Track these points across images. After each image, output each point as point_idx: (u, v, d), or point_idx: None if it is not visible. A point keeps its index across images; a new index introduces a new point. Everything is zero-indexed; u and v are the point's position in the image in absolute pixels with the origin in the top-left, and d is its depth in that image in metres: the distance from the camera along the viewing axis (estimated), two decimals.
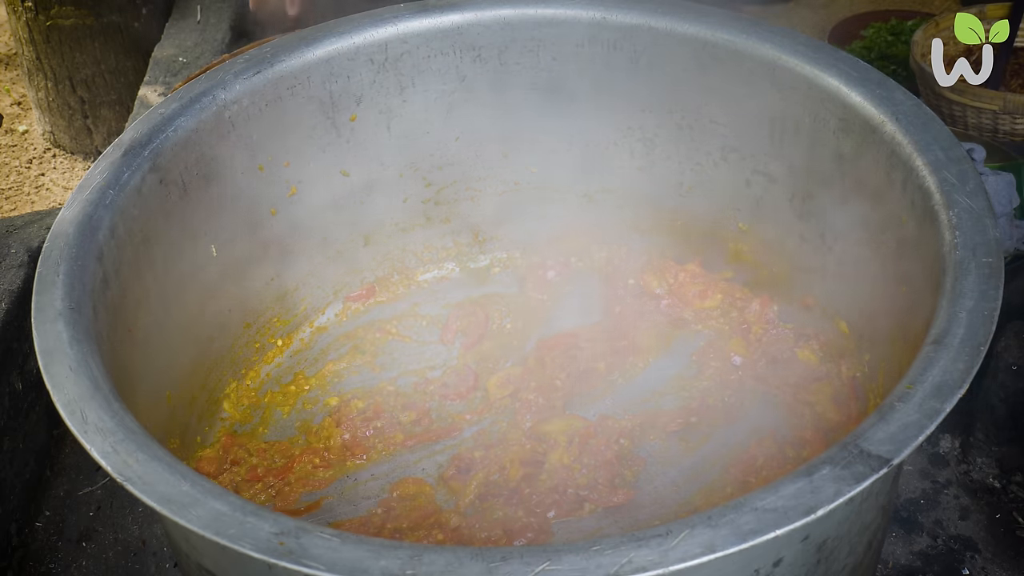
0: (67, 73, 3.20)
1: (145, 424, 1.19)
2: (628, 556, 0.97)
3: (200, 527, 1.03)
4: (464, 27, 1.79)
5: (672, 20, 1.73)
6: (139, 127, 1.59)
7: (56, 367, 1.22)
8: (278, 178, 1.78)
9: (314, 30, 1.77)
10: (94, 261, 1.38)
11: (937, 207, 1.36)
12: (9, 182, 3.24)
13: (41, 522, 1.91)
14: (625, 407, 1.73)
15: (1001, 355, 1.83)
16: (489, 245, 2.04)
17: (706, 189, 1.85)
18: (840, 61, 1.61)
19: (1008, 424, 1.85)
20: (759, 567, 1.10)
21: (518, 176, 1.97)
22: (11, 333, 1.93)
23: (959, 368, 1.14)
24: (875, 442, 1.07)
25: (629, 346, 1.81)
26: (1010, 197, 1.97)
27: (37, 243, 2.06)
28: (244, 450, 1.68)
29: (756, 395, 1.71)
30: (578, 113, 1.87)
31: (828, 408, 1.64)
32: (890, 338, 1.49)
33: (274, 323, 1.88)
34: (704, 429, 1.67)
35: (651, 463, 1.63)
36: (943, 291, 1.25)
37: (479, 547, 1.00)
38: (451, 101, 1.86)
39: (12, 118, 3.50)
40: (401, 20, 1.78)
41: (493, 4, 1.79)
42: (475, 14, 1.79)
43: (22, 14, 3.12)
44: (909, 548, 1.76)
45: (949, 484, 1.86)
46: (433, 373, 1.82)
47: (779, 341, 1.77)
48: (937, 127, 1.47)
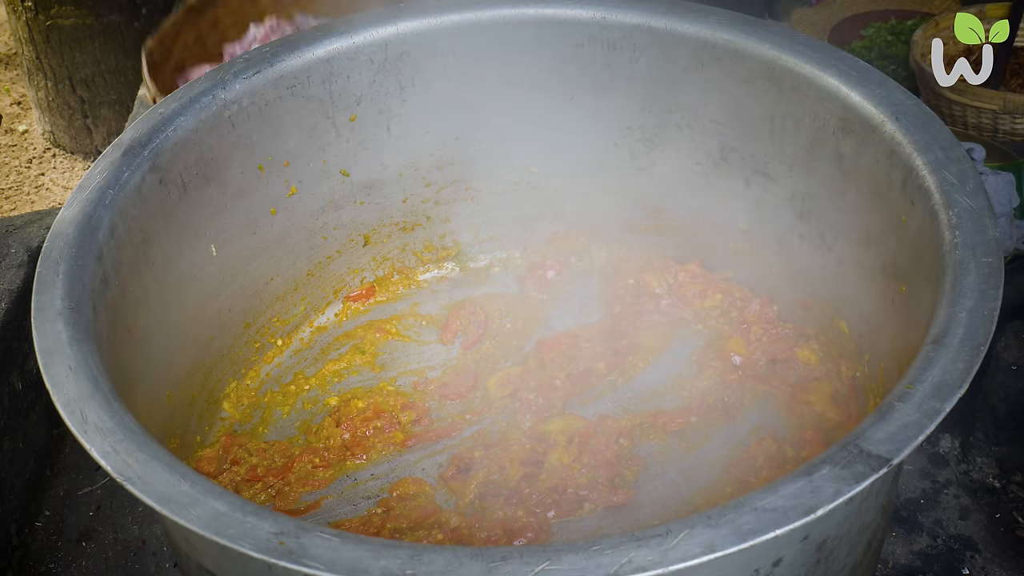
0: (67, 73, 3.21)
1: (145, 424, 1.19)
2: (628, 556, 0.97)
3: (200, 527, 1.03)
4: (464, 27, 1.79)
5: (672, 20, 1.73)
6: (139, 127, 1.59)
7: (56, 367, 1.22)
8: (278, 178, 1.78)
9: (314, 30, 1.77)
10: (94, 261, 1.38)
11: (937, 207, 1.36)
12: (9, 182, 3.24)
13: (41, 522, 1.91)
14: (625, 407, 1.73)
15: (1001, 355, 1.83)
16: (489, 245, 2.04)
17: (706, 189, 1.85)
18: (840, 61, 1.61)
19: (1008, 424, 1.85)
20: (759, 567, 1.10)
21: (518, 176, 1.97)
22: (11, 333, 1.93)
23: (959, 368, 1.14)
24: (875, 442, 1.07)
25: (629, 346, 1.81)
26: (1010, 197, 1.97)
27: (37, 243, 2.06)
28: (244, 450, 1.68)
29: (756, 395, 1.71)
30: (578, 113, 1.87)
31: (828, 408, 1.64)
32: (890, 338, 1.49)
33: (274, 323, 1.88)
34: (704, 429, 1.67)
35: (651, 463, 1.63)
36: (943, 291, 1.25)
37: (479, 547, 1.00)
38: (451, 101, 1.85)
39: (12, 118, 3.51)
40: (401, 20, 1.78)
41: (493, 4, 1.79)
42: (475, 14, 1.79)
43: (22, 14, 3.12)
44: (909, 548, 1.76)
45: (949, 484, 1.86)
46: (433, 373, 1.82)
47: (779, 341, 1.77)
48: (937, 127, 1.47)
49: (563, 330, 1.86)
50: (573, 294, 1.95)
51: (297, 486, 1.64)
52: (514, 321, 1.90)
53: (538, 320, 1.90)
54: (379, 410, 1.72)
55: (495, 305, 1.94)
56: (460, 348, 1.87)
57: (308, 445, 1.70)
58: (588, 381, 1.76)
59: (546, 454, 1.62)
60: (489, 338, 1.87)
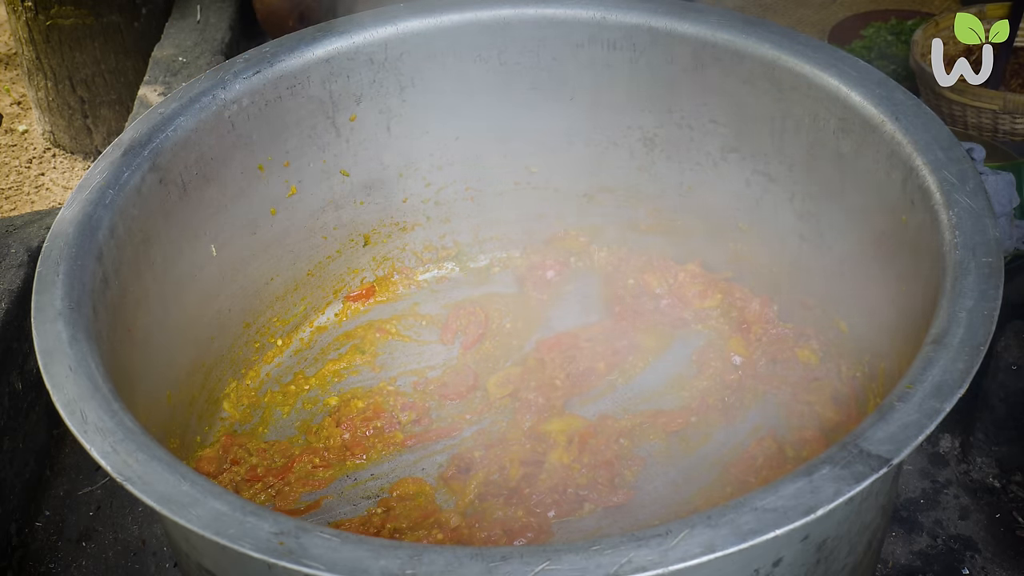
0: (67, 73, 3.20)
1: (145, 424, 1.19)
2: (628, 556, 0.97)
3: (200, 527, 1.03)
4: (464, 27, 1.79)
5: (672, 20, 1.73)
6: (139, 127, 1.59)
7: (56, 367, 1.22)
8: (278, 178, 1.78)
9: (314, 30, 1.77)
10: (94, 261, 1.38)
11: (937, 207, 1.36)
12: (9, 182, 3.23)
13: (41, 522, 1.91)
14: (625, 407, 1.73)
15: (1001, 355, 1.83)
16: (489, 245, 2.04)
17: (706, 189, 1.85)
18: (840, 61, 1.61)
19: (1008, 424, 1.85)
20: (759, 567, 1.10)
21: (518, 176, 1.97)
22: (11, 333, 1.93)
23: (959, 368, 1.14)
24: (875, 442, 1.07)
25: (629, 346, 1.81)
26: (1010, 197, 1.97)
27: (37, 243, 2.06)
28: (244, 450, 1.68)
29: (756, 395, 1.71)
30: (578, 113, 1.87)
31: (828, 408, 1.64)
32: (890, 338, 1.49)
33: (274, 323, 1.88)
34: (704, 429, 1.67)
35: (651, 463, 1.63)
36: (943, 291, 1.25)
37: (479, 547, 1.00)
38: (451, 101, 1.85)
39: (12, 118, 3.50)
40: (401, 20, 1.77)
41: (493, 4, 1.79)
42: (475, 14, 1.79)
43: (22, 14, 3.12)
44: (909, 548, 1.76)
45: (949, 484, 1.86)
46: (433, 373, 1.82)
47: (779, 341, 1.77)
48: (937, 127, 1.47)
49: (563, 330, 1.86)
50: (573, 294, 1.95)
51: (297, 486, 1.64)
52: (514, 321, 1.90)
53: (538, 320, 1.90)
54: (379, 410, 1.72)
55: (495, 305, 1.94)
56: (460, 348, 1.86)
57: (308, 445, 1.70)
58: (588, 381, 1.76)
59: (546, 454, 1.62)
60: (489, 338, 1.87)
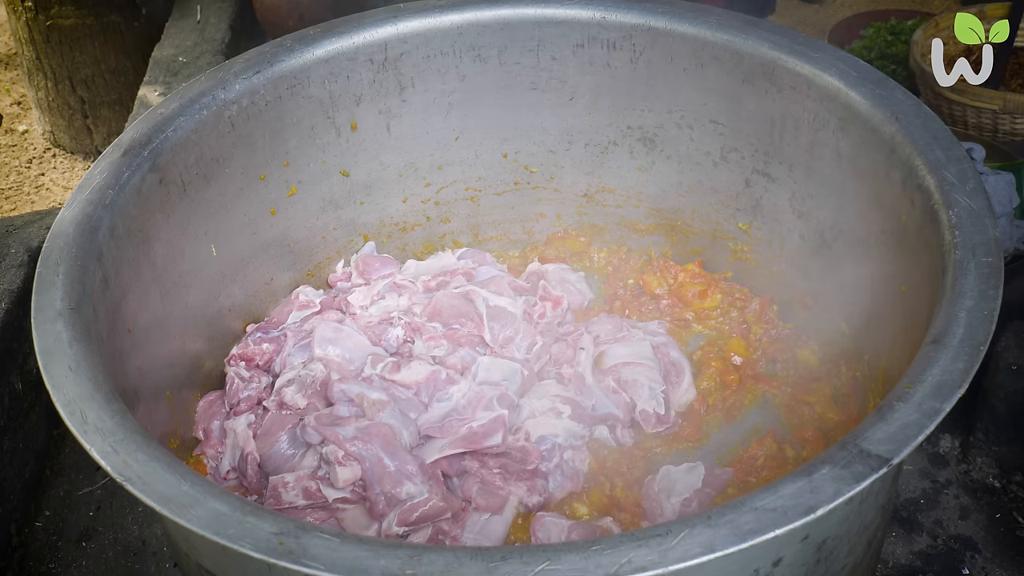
0: (67, 73, 3.20)
1: (145, 424, 1.19)
2: (628, 556, 0.97)
3: (200, 527, 1.03)
4: (464, 27, 1.79)
5: (671, 20, 1.73)
6: (139, 127, 1.59)
7: (56, 367, 1.22)
8: (278, 178, 1.78)
9: (314, 30, 1.77)
10: (94, 261, 1.38)
11: (937, 207, 1.36)
12: (9, 182, 3.24)
13: (41, 522, 1.91)
14: None
15: (1001, 355, 1.83)
16: (489, 245, 2.04)
17: (706, 189, 1.85)
18: (840, 61, 1.60)
19: (1008, 424, 1.85)
20: (759, 567, 1.10)
21: (518, 176, 1.97)
22: (11, 333, 1.93)
23: (958, 368, 1.14)
24: (875, 442, 1.07)
25: None
26: (1010, 197, 1.97)
27: (37, 243, 2.06)
28: None
29: (756, 395, 1.71)
30: (578, 113, 1.87)
31: (828, 408, 1.64)
32: (890, 338, 1.48)
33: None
34: (704, 429, 1.67)
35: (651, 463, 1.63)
36: (942, 291, 1.25)
37: (479, 547, 1.00)
38: (451, 101, 1.86)
39: (12, 118, 3.50)
40: (401, 20, 1.77)
41: (493, 4, 1.79)
42: (475, 14, 1.79)
43: (22, 14, 3.12)
44: (909, 548, 1.76)
45: (949, 484, 1.86)
46: None
47: (779, 341, 1.77)
48: (937, 127, 1.47)
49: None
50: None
51: None
52: None
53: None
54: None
55: None
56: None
57: None
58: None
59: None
60: None
